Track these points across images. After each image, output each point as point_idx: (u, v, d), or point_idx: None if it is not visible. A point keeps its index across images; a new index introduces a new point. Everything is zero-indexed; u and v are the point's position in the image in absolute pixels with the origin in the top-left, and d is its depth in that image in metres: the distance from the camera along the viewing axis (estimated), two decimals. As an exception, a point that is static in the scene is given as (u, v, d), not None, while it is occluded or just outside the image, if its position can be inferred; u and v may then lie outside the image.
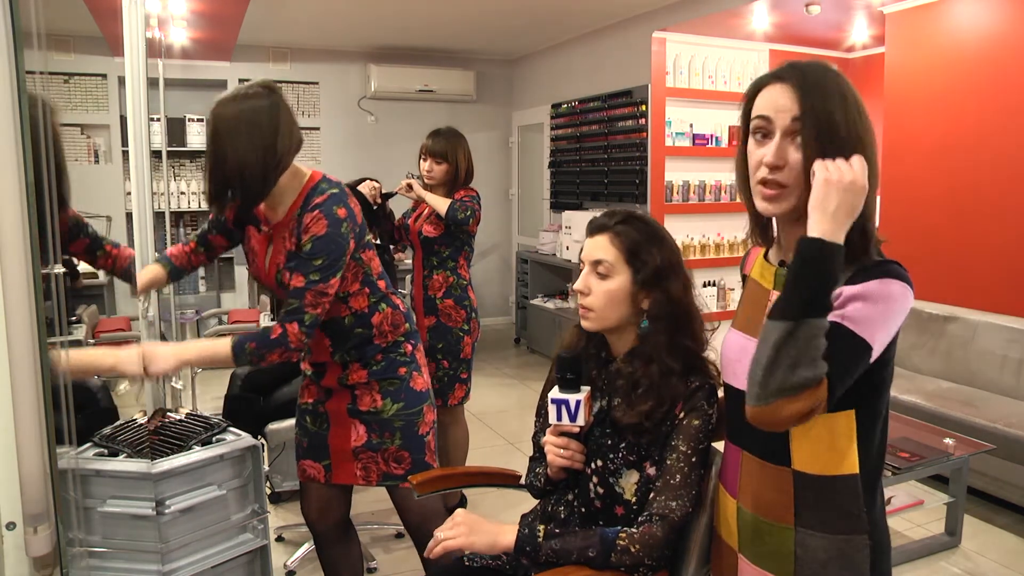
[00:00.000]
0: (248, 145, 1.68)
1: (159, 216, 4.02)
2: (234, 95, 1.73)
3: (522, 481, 1.70)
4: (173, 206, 5.98)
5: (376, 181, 3.05)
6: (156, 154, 4.18)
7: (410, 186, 3.04)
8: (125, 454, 1.76)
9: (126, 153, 3.33)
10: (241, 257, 5.57)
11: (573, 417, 1.44)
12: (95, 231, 2.16)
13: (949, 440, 2.98)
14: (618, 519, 1.45)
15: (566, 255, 5.76)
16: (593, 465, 1.47)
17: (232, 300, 6.41)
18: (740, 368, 1.24)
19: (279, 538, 3.05)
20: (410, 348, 2.01)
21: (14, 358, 0.93)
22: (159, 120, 4.37)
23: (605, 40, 5.73)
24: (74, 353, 1.76)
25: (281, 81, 6.07)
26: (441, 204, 2.96)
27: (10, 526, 0.98)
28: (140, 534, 1.73)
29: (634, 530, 1.37)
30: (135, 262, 2.12)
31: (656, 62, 5.08)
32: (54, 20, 4.85)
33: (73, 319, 3.82)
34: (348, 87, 6.62)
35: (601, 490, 1.46)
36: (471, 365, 3.10)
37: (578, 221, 5.55)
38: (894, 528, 2.74)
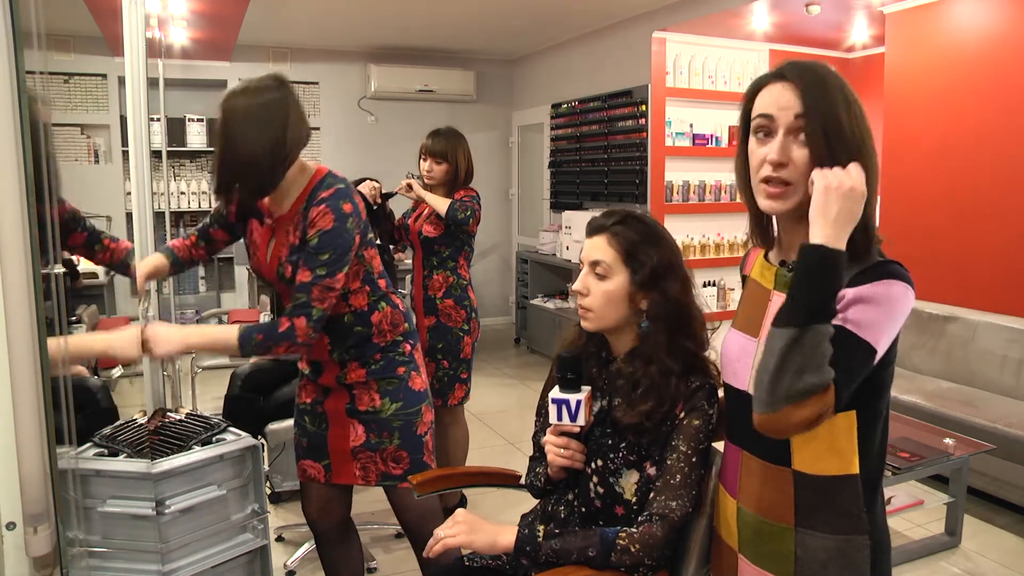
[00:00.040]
0: (258, 138, 1.68)
1: (159, 216, 4.03)
2: (245, 87, 1.73)
3: (522, 481, 1.70)
4: (173, 206, 5.97)
5: (376, 181, 3.05)
6: (156, 154, 4.19)
7: (410, 186, 3.04)
8: (125, 454, 1.76)
9: (126, 153, 3.33)
10: (241, 257, 5.56)
11: (573, 417, 1.44)
12: (93, 225, 2.16)
13: (949, 440, 2.98)
14: (618, 519, 1.45)
15: (566, 255, 5.76)
16: (593, 465, 1.47)
17: (232, 300, 6.41)
18: (740, 368, 1.24)
19: (279, 538, 3.05)
20: (409, 348, 2.01)
21: (14, 358, 0.93)
22: (159, 120, 4.38)
23: (605, 40, 5.73)
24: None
25: (281, 81, 6.06)
26: (441, 204, 2.95)
27: (10, 526, 0.98)
28: (140, 534, 1.73)
29: (634, 530, 1.37)
30: (133, 254, 2.12)
31: (656, 62, 5.08)
32: (54, 20, 4.86)
33: (73, 319, 3.83)
34: (348, 87, 6.62)
35: (601, 490, 1.46)
36: (471, 365, 3.10)
37: (578, 221, 5.55)
38: (894, 528, 2.74)
